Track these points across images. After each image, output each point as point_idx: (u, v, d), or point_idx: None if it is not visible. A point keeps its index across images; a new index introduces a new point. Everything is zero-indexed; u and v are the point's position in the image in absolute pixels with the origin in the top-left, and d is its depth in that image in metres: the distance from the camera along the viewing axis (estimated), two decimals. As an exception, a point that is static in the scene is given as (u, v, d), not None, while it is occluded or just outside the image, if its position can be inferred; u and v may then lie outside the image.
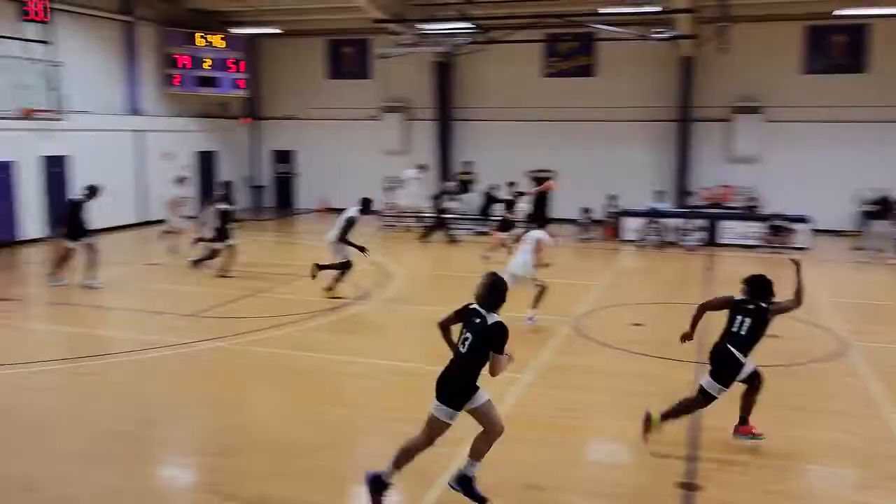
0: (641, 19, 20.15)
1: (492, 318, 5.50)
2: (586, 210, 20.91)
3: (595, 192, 21.46)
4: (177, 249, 16.76)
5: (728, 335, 6.73)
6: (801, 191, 20.92)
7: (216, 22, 24.33)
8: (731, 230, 19.85)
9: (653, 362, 9.62)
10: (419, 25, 20.94)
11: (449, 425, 5.57)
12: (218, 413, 7.90)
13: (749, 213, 20.71)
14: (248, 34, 24.96)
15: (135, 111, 22.32)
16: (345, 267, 12.84)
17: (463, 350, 5.56)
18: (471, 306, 5.65)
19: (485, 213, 21.58)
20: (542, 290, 10.93)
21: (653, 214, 20.28)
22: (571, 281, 14.03)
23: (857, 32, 21.39)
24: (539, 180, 19.69)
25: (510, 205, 18.18)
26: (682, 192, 22.49)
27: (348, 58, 26.18)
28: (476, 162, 23.46)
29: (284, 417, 7.85)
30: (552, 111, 23.49)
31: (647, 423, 6.77)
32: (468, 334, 5.54)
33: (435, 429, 5.58)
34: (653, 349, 10.05)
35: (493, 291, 5.60)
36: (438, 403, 5.55)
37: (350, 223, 12.67)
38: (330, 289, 12.81)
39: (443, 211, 20.36)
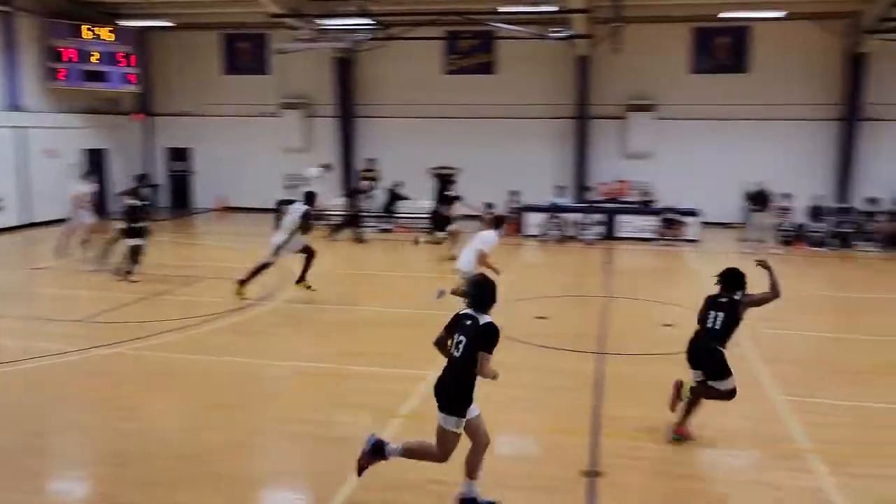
0: (539, 18, 20.51)
1: (483, 319, 5.49)
2: (489, 206, 21.15)
3: (497, 188, 21.74)
4: (66, 252, 15.95)
5: (703, 331, 6.97)
6: (692, 185, 21.77)
7: (103, 14, 23.25)
8: (628, 224, 20.56)
9: (557, 355, 9.85)
10: (318, 21, 20.66)
11: (458, 435, 5.49)
12: (113, 421, 7.58)
13: (644, 208, 21.46)
14: (139, 27, 23.99)
15: (15, 107, 21.07)
16: (311, 255, 12.83)
17: (457, 354, 5.49)
18: (461, 313, 5.62)
19: (388, 210, 21.51)
20: None
21: (554, 210, 20.74)
22: (475, 276, 14.19)
23: (739, 34, 22.46)
24: (442, 177, 19.75)
25: (445, 200, 18.07)
26: (581, 188, 23.07)
27: (245, 52, 25.54)
28: (379, 159, 23.35)
29: (184, 422, 7.61)
30: (454, 108, 23.66)
31: (679, 390, 6.96)
32: (461, 337, 5.50)
33: (447, 443, 5.48)
34: (557, 342, 10.30)
35: (482, 291, 5.59)
36: (443, 414, 5.46)
37: (307, 217, 12.70)
38: (243, 283, 12.49)
39: (357, 210, 20.16)
